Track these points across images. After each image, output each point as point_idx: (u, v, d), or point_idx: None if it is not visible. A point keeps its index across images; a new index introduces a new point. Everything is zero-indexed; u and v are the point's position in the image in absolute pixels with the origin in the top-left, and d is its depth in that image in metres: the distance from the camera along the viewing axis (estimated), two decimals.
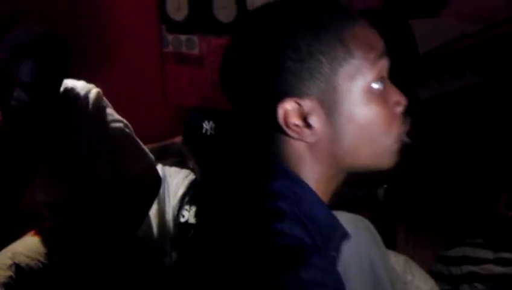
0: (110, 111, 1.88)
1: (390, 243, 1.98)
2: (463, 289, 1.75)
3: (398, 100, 0.69)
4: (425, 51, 1.83)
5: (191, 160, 2.12)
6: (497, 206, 1.70)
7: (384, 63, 0.68)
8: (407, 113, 0.71)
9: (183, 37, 2.20)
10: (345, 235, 0.68)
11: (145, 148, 1.92)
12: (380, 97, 0.67)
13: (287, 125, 0.65)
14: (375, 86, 0.67)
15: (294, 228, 0.61)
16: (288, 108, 0.65)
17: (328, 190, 0.70)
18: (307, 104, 0.65)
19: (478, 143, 1.82)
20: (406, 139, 0.71)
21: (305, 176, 0.67)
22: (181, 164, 2.22)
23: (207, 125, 2.01)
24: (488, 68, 1.76)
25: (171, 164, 2.22)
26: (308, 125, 0.66)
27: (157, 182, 1.92)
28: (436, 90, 1.84)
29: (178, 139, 2.16)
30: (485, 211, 1.78)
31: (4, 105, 1.65)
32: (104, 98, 1.87)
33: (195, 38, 2.18)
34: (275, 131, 0.67)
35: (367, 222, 1.16)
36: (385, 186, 1.90)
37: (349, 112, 0.66)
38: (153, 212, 2.06)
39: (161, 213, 2.10)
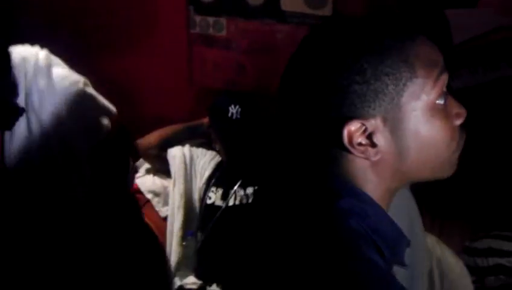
0: (60, 70, 1.71)
1: None
2: (489, 281, 1.77)
3: (459, 112, 0.71)
4: (460, 42, 1.80)
5: (216, 142, 2.14)
6: None
7: (445, 78, 0.69)
8: None
9: (210, 19, 2.17)
10: (408, 243, 0.71)
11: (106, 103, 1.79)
12: (443, 112, 0.69)
13: (352, 145, 0.67)
14: (439, 102, 0.68)
15: (369, 250, 0.62)
16: (352, 129, 0.66)
17: (389, 201, 0.73)
18: (372, 123, 0.67)
19: (508, 134, 1.81)
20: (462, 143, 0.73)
21: (370, 191, 0.69)
22: (207, 145, 2.24)
23: (233, 109, 2.01)
24: None
25: (198, 145, 2.24)
26: (372, 144, 0.67)
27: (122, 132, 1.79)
28: (469, 81, 1.82)
29: (205, 120, 2.17)
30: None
31: None
32: (55, 58, 1.72)
33: (223, 20, 2.15)
34: (339, 149, 0.68)
35: (407, 194, 1.18)
36: None
37: (414, 129, 0.67)
38: (180, 192, 2.09)
39: (188, 193, 2.13)
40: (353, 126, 0.66)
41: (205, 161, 2.19)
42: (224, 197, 2.07)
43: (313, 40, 0.71)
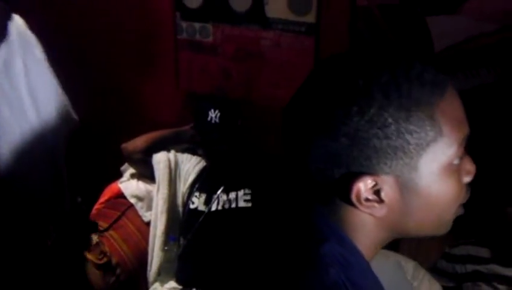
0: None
1: (396, 239, 2.00)
2: (466, 287, 1.77)
3: (470, 170, 0.67)
4: (441, 49, 1.82)
5: (200, 147, 2.15)
6: (505, 215, 1.70)
7: (466, 140, 0.64)
8: None
9: (197, 25, 2.19)
10: None
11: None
12: (456, 172, 0.64)
13: (359, 201, 0.62)
14: (456, 162, 0.64)
15: None
16: (362, 185, 0.61)
17: (378, 250, 0.69)
18: (383, 180, 0.62)
19: (488, 143, 1.81)
20: (461, 210, 0.69)
21: (360, 241, 0.66)
22: (192, 151, 2.24)
23: (212, 114, 2.03)
24: (504, 68, 1.74)
25: (183, 151, 2.24)
26: (380, 200, 0.63)
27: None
28: None
29: (190, 126, 2.18)
30: (492, 215, 1.78)
31: None
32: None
33: (209, 26, 2.17)
34: (341, 199, 0.64)
35: (396, 259, 1.17)
36: None
37: (426, 190, 0.62)
38: (164, 197, 2.09)
39: (172, 198, 2.13)
40: (363, 182, 0.61)
41: (190, 166, 2.20)
42: (208, 202, 2.07)
43: (328, 77, 0.63)
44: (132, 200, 2.11)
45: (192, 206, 2.09)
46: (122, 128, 2.37)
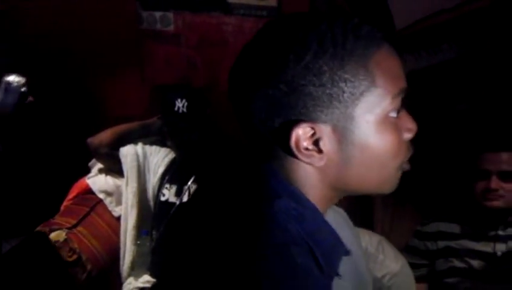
0: None
1: (369, 217, 2.00)
2: (439, 263, 1.77)
3: (410, 127, 0.68)
4: (402, 27, 1.81)
5: (169, 138, 2.12)
6: (473, 194, 1.70)
7: (404, 95, 0.65)
8: None
9: (157, 14, 2.15)
10: (345, 252, 0.68)
11: None
12: (394, 125, 0.66)
13: (298, 149, 0.64)
14: (392, 115, 0.65)
15: (302, 255, 0.60)
16: (301, 132, 0.63)
17: (326, 208, 0.70)
18: (321, 129, 0.64)
19: (454, 119, 1.82)
20: (407, 166, 0.70)
21: (310, 196, 0.66)
22: (161, 143, 2.21)
23: (179, 103, 1.99)
24: (465, 43, 1.75)
25: (151, 143, 2.21)
26: (319, 150, 0.64)
27: None
28: (413, 66, 1.83)
29: (158, 117, 2.15)
30: (460, 193, 1.79)
31: None
32: None
33: (169, 14, 2.13)
34: (283, 151, 0.65)
35: (344, 214, 1.17)
36: None
37: (363, 140, 0.64)
38: (133, 190, 2.06)
39: (142, 191, 2.10)
40: (302, 130, 0.63)
41: (159, 158, 2.17)
42: (178, 193, 2.05)
43: (270, 33, 0.65)
44: (101, 196, 2.07)
45: (163, 199, 2.06)
46: (88, 124, 2.32)
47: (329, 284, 0.63)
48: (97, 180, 2.12)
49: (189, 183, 2.03)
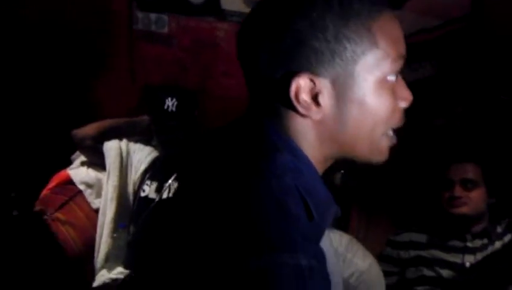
0: None
1: (345, 226, 2.05)
2: (409, 272, 1.83)
3: (406, 97, 0.71)
4: None
5: (155, 135, 2.15)
6: (440, 201, 1.80)
7: (403, 62, 0.69)
8: None
9: (153, 16, 2.22)
10: (336, 212, 0.70)
11: None
12: (391, 89, 0.68)
13: (297, 100, 0.66)
14: (390, 78, 0.68)
15: (298, 208, 0.62)
16: (301, 83, 0.66)
17: (321, 170, 0.72)
18: (321, 83, 0.66)
19: (430, 133, 1.90)
20: (394, 139, 0.73)
21: (307, 152, 0.69)
22: (145, 142, 2.24)
23: (169, 102, 2.04)
24: (443, 62, 1.84)
25: (136, 141, 2.24)
26: (317, 104, 0.67)
27: None
28: None
29: (146, 116, 2.19)
30: (430, 203, 1.87)
31: None
32: None
33: (165, 17, 2.20)
34: (283, 105, 0.68)
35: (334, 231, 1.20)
36: (342, 171, 1.96)
37: (360, 98, 0.67)
38: (114, 184, 2.07)
39: (122, 186, 2.11)
40: (302, 80, 0.66)
41: (141, 155, 2.19)
42: (159, 190, 2.07)
43: None
44: (81, 187, 2.08)
45: (142, 194, 2.08)
46: (77, 123, 2.33)
47: (320, 235, 0.65)
48: (79, 172, 2.13)
49: (170, 181, 2.06)
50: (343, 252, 1.51)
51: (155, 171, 2.12)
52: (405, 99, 0.71)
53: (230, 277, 0.56)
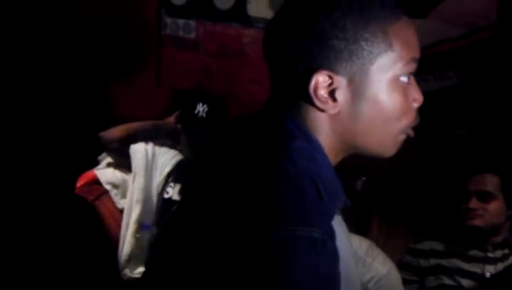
0: None
1: (365, 232, 2.05)
2: (429, 280, 1.82)
3: (417, 98, 0.75)
4: None
5: (182, 138, 2.20)
6: (459, 214, 1.79)
7: (415, 65, 0.74)
8: None
9: (181, 21, 2.27)
10: (344, 201, 0.75)
11: None
12: (403, 89, 0.73)
13: (316, 95, 0.71)
14: (403, 79, 0.73)
15: (310, 186, 0.67)
16: (320, 80, 0.71)
17: (335, 161, 0.77)
18: (339, 80, 0.71)
19: (453, 144, 1.90)
20: (411, 132, 0.77)
21: (322, 143, 0.74)
22: (170, 145, 2.29)
23: (200, 107, 2.08)
24: (467, 71, 1.84)
25: (161, 144, 2.28)
26: (333, 99, 0.72)
27: None
28: (421, 88, 1.92)
29: (170, 119, 2.23)
30: (450, 213, 1.86)
31: None
32: None
33: (192, 23, 2.25)
34: (303, 98, 0.73)
35: (339, 218, 1.22)
36: (363, 178, 1.97)
37: (374, 96, 0.72)
38: (140, 186, 2.12)
39: (147, 188, 2.16)
40: (321, 77, 0.71)
41: (166, 158, 2.23)
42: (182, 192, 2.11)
43: None
44: (107, 187, 2.14)
45: (166, 196, 2.12)
46: (104, 125, 2.39)
47: (330, 216, 0.69)
48: (105, 172, 2.19)
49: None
50: (362, 256, 1.52)
51: (179, 174, 2.16)
52: (416, 100, 0.76)
53: (252, 249, 0.62)
